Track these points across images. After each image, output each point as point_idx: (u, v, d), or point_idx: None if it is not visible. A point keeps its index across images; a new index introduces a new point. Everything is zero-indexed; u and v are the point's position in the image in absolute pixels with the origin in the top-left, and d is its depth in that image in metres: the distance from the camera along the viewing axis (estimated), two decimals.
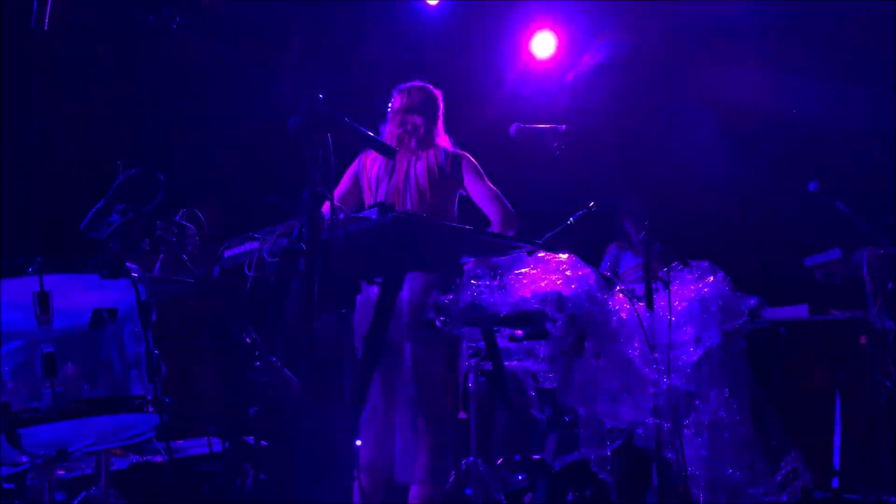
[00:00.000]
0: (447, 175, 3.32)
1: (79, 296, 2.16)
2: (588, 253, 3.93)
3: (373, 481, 3.17)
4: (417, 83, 3.52)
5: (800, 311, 4.76)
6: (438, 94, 3.53)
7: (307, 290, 2.08)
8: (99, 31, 5.79)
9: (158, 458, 3.11)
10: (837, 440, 4.84)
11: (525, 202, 3.96)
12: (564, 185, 4.79)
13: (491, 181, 3.51)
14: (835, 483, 4.73)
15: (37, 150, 5.18)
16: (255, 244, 2.68)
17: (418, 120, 3.38)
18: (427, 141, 3.38)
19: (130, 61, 6.05)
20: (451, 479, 3.13)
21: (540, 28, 6.62)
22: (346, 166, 3.46)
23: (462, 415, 3.34)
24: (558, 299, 2.84)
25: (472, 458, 3.50)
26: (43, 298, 2.04)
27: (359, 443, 3.15)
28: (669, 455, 3.54)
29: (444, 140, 3.46)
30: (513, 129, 3.54)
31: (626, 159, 6.01)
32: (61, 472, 2.96)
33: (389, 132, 3.41)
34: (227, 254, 2.88)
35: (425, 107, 3.42)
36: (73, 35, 5.45)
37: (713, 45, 6.09)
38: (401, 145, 3.34)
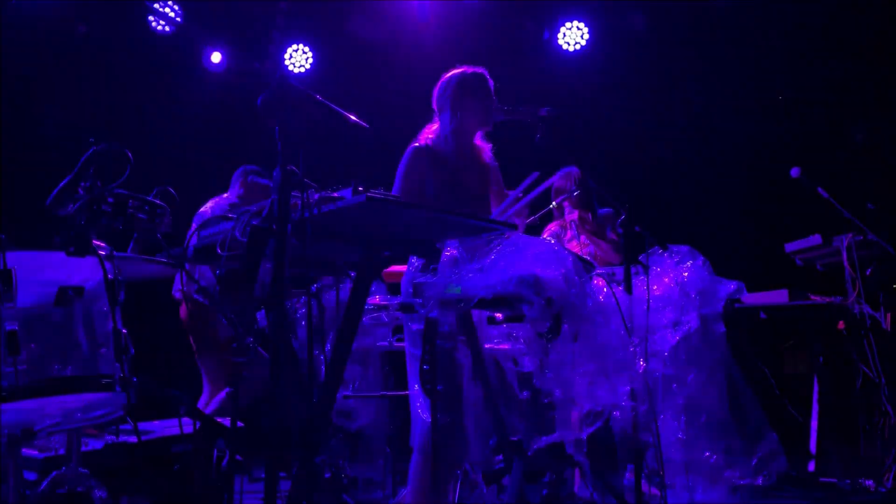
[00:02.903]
0: None
1: (45, 273, 2.13)
2: None
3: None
4: (450, 71, 3.52)
5: (779, 297, 4.78)
6: (445, 79, 3.50)
7: (277, 270, 2.06)
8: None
9: (133, 439, 3.09)
10: (814, 424, 4.87)
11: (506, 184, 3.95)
12: (545, 168, 4.77)
13: None
14: (811, 467, 4.77)
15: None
16: (230, 224, 2.65)
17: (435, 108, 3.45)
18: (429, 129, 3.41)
19: (103, 40, 5.98)
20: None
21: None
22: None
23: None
24: (535, 282, 2.83)
25: None
26: (6, 275, 2.00)
27: None
28: (646, 438, 3.56)
29: (433, 125, 3.45)
30: (489, 107, 3.51)
31: (608, 144, 6.02)
32: (34, 452, 2.93)
33: None
34: (202, 233, 2.85)
35: (434, 96, 3.48)
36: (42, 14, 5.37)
37: (696, 31, 6.08)
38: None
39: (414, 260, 3.18)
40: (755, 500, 3.85)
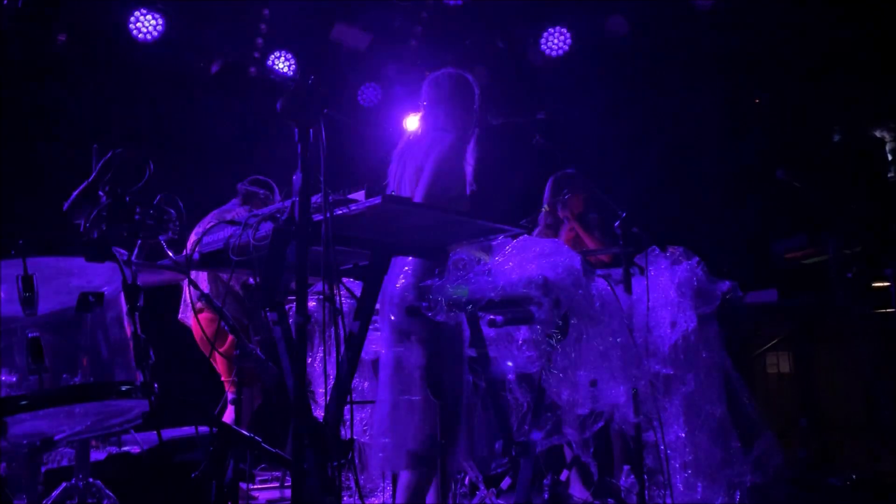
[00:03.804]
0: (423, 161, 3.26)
1: (62, 279, 2.09)
2: None
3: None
4: (447, 71, 3.44)
5: (769, 296, 4.85)
6: (460, 79, 3.42)
7: (300, 275, 2.04)
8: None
9: (136, 449, 3.05)
10: (803, 422, 4.94)
11: (501, 187, 3.98)
12: (540, 171, 4.81)
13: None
14: (801, 464, 4.84)
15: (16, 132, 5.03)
16: (236, 229, 2.63)
17: (435, 108, 3.34)
18: (434, 127, 3.32)
19: (84, 48, 5.91)
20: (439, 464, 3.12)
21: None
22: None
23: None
24: (544, 283, 2.83)
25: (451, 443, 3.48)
26: (27, 281, 1.96)
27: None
28: (647, 437, 3.58)
29: (454, 126, 3.33)
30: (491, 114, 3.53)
31: (596, 147, 6.05)
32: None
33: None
34: (206, 239, 2.82)
35: (444, 94, 3.37)
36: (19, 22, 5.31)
37: (681, 34, 6.14)
38: (418, 132, 3.33)
39: (409, 261, 3.12)
40: (753, 498, 3.89)
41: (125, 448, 3.15)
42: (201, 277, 4.41)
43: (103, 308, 2.19)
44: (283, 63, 7.00)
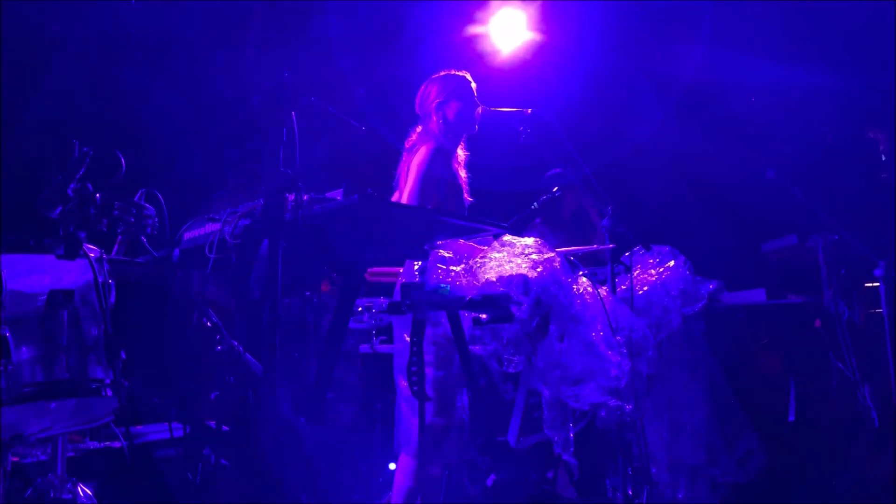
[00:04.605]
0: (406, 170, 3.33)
1: (33, 277, 2.08)
2: None
3: None
4: (436, 76, 3.49)
5: (757, 296, 4.84)
6: (435, 81, 3.47)
7: (271, 272, 2.04)
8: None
9: (117, 444, 3.04)
10: (791, 421, 4.93)
11: (489, 185, 3.96)
12: (529, 168, 4.78)
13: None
14: (788, 464, 4.83)
15: None
16: (216, 225, 2.63)
17: (421, 112, 3.43)
18: (420, 134, 3.37)
19: (83, 37, 5.89)
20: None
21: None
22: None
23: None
24: (524, 283, 2.84)
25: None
26: None
27: None
28: (631, 436, 3.59)
29: (431, 132, 3.40)
30: (478, 111, 3.52)
31: (589, 144, 6.03)
32: (14, 459, 2.87)
33: None
34: (186, 235, 2.82)
35: (423, 99, 3.46)
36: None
37: (671, 26, 6.12)
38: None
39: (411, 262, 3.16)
40: (737, 497, 3.90)
41: (103, 443, 3.15)
42: None
43: (76, 305, 2.18)
44: (268, 59, 6.96)
